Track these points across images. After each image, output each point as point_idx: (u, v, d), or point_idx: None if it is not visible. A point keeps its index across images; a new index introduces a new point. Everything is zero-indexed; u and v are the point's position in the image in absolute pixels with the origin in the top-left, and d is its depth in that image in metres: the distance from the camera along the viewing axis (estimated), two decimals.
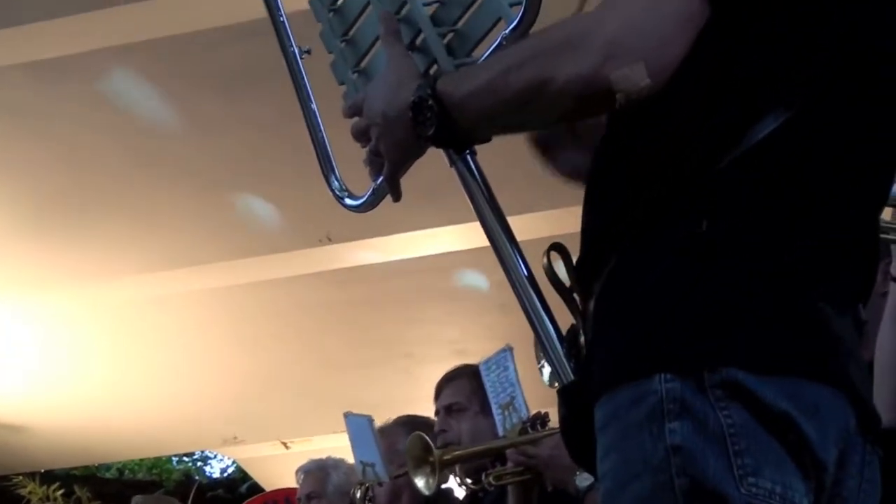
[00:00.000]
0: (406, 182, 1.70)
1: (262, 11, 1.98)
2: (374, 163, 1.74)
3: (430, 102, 1.53)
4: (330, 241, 6.22)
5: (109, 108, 5.34)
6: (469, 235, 5.11)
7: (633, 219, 1.46)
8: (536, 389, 3.00)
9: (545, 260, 1.53)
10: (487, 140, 1.61)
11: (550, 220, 4.82)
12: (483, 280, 6.57)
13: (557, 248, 1.53)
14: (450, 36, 1.70)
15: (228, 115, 5.28)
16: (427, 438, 3.38)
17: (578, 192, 1.58)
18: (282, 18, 1.97)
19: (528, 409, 3.20)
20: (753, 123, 1.43)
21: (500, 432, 3.28)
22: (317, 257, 6.59)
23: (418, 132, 1.56)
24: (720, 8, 1.40)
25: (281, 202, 5.98)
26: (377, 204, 1.84)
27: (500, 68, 1.48)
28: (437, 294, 6.94)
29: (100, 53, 5.02)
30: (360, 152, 1.75)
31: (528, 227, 4.36)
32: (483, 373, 3.36)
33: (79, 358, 7.59)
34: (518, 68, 1.45)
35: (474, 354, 3.70)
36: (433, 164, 1.67)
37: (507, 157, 1.67)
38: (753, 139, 1.43)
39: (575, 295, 1.53)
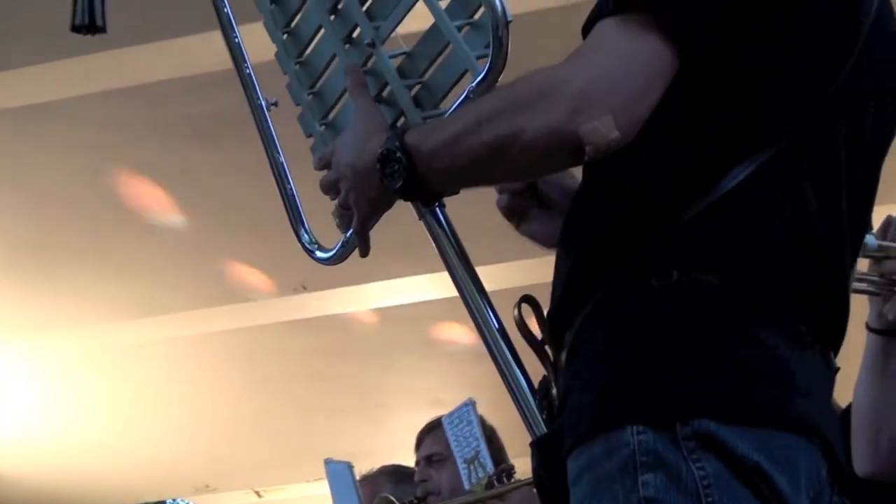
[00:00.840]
0: (381, 231, 1.69)
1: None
2: (344, 216, 1.74)
3: (398, 155, 1.52)
4: (305, 289, 6.20)
5: (83, 154, 5.34)
6: (444, 285, 5.10)
7: (604, 270, 1.46)
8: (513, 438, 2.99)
9: (516, 312, 1.52)
10: (456, 193, 1.61)
11: (523, 269, 4.83)
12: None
13: (528, 300, 1.53)
14: (417, 88, 1.70)
15: (204, 163, 5.29)
16: (393, 500, 3.37)
17: None
18: (248, 71, 1.97)
19: (493, 463, 3.19)
20: (723, 173, 1.43)
21: (466, 486, 3.26)
22: (292, 306, 6.57)
23: (386, 185, 1.55)
24: (690, 60, 1.41)
25: (256, 250, 5.96)
26: (347, 256, 1.83)
27: (469, 121, 1.47)
28: (412, 343, 6.93)
29: (74, 101, 5.01)
30: (329, 202, 1.75)
31: (500, 276, 4.37)
32: (446, 427, 3.35)
33: (46, 405, 7.52)
34: (487, 121, 1.44)
35: (449, 404, 3.70)
36: (409, 212, 1.66)
37: (476, 206, 1.66)
38: (723, 189, 1.43)
39: (547, 347, 1.52)
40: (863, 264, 2.18)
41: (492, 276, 1.65)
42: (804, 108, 1.47)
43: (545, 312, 1.53)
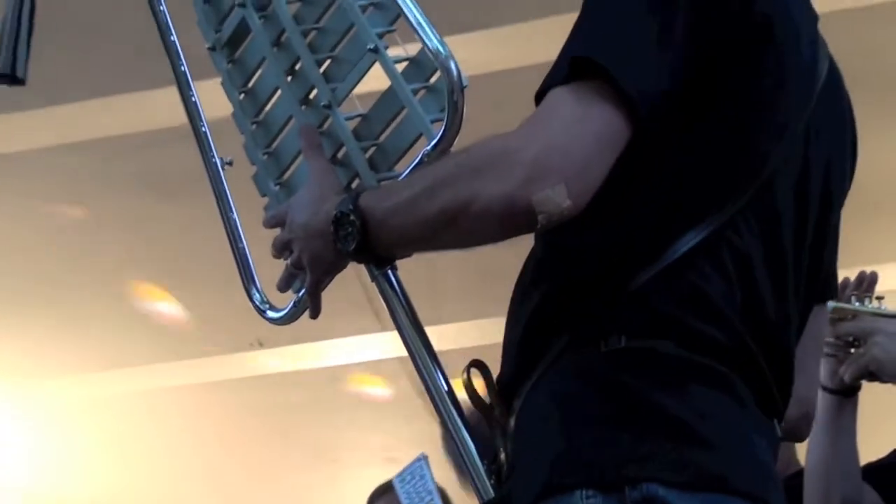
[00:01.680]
0: (336, 289, 1.69)
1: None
2: (295, 276, 1.74)
3: (352, 218, 1.52)
4: (261, 346, 6.18)
5: (38, 208, 5.32)
6: (399, 343, 5.12)
7: (553, 335, 1.47)
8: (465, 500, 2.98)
9: (465, 376, 1.52)
10: (409, 256, 1.61)
11: (477, 329, 4.85)
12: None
13: (477, 365, 1.53)
14: (372, 150, 1.70)
15: (158, 217, 5.28)
16: None
17: (503, 303, 1.58)
18: (204, 129, 1.97)
19: None
20: (670, 241, 1.45)
21: None
22: (247, 362, 6.54)
23: (339, 247, 1.55)
24: (641, 128, 1.42)
25: (212, 305, 5.94)
26: (298, 317, 1.82)
27: (423, 186, 1.48)
28: (367, 400, 6.91)
29: (28, 154, 5.01)
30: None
31: (453, 336, 4.38)
32: (397, 486, 3.33)
33: None
34: (441, 187, 1.45)
35: (403, 461, 3.68)
36: (363, 270, 1.66)
37: (429, 266, 1.67)
38: (670, 257, 1.45)
39: (496, 411, 1.52)
40: None
41: (445, 336, 1.65)
42: (749, 181, 1.49)
43: (494, 376, 1.53)
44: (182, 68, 1.99)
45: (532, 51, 3.80)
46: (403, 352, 1.63)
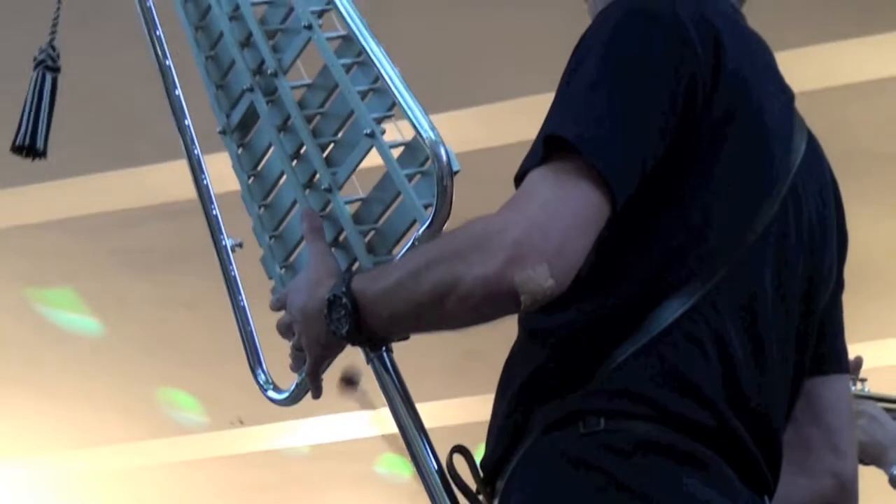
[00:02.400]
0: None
1: (182, 192, 2.01)
2: (298, 357, 1.76)
3: (344, 301, 1.54)
4: (242, 423, 6.20)
5: (18, 285, 5.39)
6: (383, 422, 5.15)
7: (534, 417, 1.48)
8: None
9: (449, 460, 1.53)
10: (404, 338, 1.63)
11: (459, 408, 4.86)
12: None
13: (461, 450, 1.53)
14: (371, 234, 1.72)
15: (143, 295, 5.35)
16: None
17: (485, 381, 1.58)
18: (214, 212, 2.00)
19: None
20: (647, 322, 1.46)
21: None
22: (229, 440, 6.56)
23: (332, 329, 1.57)
24: (617, 207, 1.43)
25: (194, 383, 5.98)
26: (301, 398, 1.84)
27: (410, 269, 1.49)
28: (350, 479, 6.90)
29: (8, 231, 5.10)
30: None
31: (439, 413, 4.39)
32: None
33: None
34: (426, 269, 1.46)
35: None
36: (349, 349, 1.67)
37: (419, 345, 1.68)
38: (647, 337, 1.45)
39: (480, 496, 1.53)
40: None
41: (427, 414, 1.67)
42: (726, 255, 1.49)
43: (478, 460, 1.54)
44: (196, 152, 2.03)
45: (512, 129, 3.85)
46: (387, 430, 1.64)
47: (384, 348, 1.65)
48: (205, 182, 2.02)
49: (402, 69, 1.67)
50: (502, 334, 1.57)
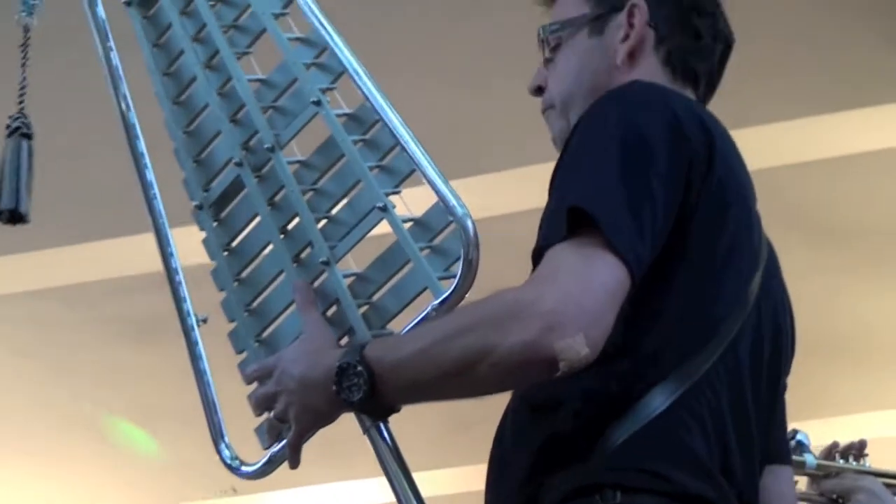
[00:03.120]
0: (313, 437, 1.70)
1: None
2: (275, 429, 1.75)
3: (360, 368, 1.55)
4: (235, 492, 6.06)
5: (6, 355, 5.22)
6: (374, 490, 5.12)
7: (547, 488, 1.52)
8: None
9: None
10: (408, 404, 1.64)
11: (456, 476, 4.84)
12: None
13: None
14: (366, 307, 1.74)
15: (137, 363, 5.24)
16: None
17: (470, 452, 1.60)
18: (179, 280, 1.99)
19: None
20: (652, 393, 1.52)
21: None
22: None
23: (344, 397, 1.57)
24: (637, 282, 1.49)
25: (186, 452, 5.82)
26: (272, 472, 1.82)
27: (438, 336, 1.51)
28: None
29: (10, 297, 5.01)
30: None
31: (433, 483, 4.35)
32: None
33: None
34: (457, 336, 1.48)
35: None
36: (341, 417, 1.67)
37: (414, 416, 1.69)
38: (656, 409, 1.52)
39: None
40: (802, 483, 2.26)
41: (426, 482, 1.68)
42: (722, 332, 1.58)
43: None
44: (161, 221, 2.02)
45: (509, 199, 3.93)
46: (380, 499, 1.64)
47: (385, 419, 1.66)
48: (170, 251, 2.00)
49: None
50: (492, 405, 1.61)
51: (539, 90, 1.81)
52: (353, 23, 1.83)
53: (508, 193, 4.22)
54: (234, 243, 1.94)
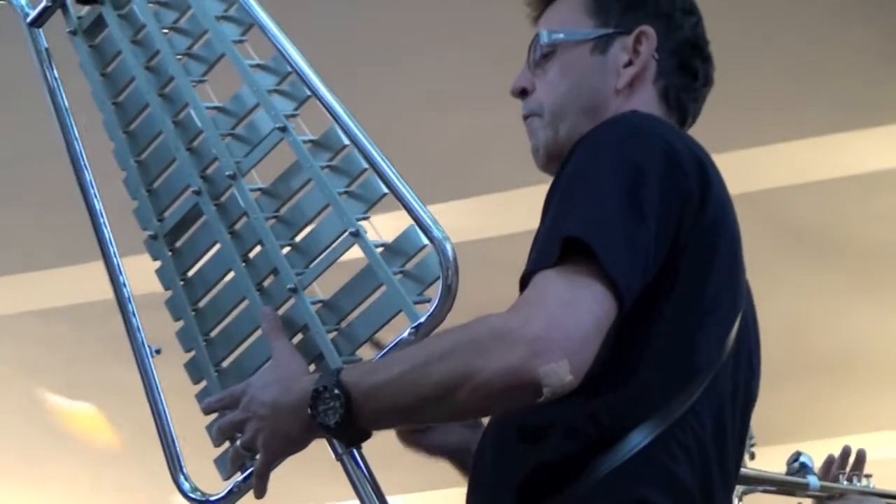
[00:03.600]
0: (301, 459, 1.68)
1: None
2: (240, 458, 1.73)
3: (336, 392, 1.54)
4: None
5: (11, 375, 5.19)
6: None
7: None
8: None
9: None
10: (384, 429, 1.63)
11: (441, 499, 4.79)
12: None
13: None
14: (334, 334, 1.73)
15: (134, 383, 5.12)
16: None
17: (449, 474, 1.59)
18: (132, 311, 1.96)
19: None
20: (644, 425, 1.54)
21: None
22: None
23: (320, 421, 1.55)
24: (623, 310, 1.50)
25: (190, 467, 5.71)
26: (236, 502, 1.80)
27: (418, 360, 1.50)
28: None
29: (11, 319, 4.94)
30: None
31: None
32: None
33: None
34: (438, 361, 1.48)
35: None
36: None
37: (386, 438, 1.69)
38: (648, 438, 1.53)
39: None
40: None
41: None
42: (709, 364, 1.60)
43: None
44: (112, 252, 1.99)
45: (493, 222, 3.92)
46: None
47: (358, 444, 1.65)
48: (122, 281, 1.98)
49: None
50: None
51: (524, 93, 1.80)
52: (344, 49, 1.83)
53: (491, 217, 4.23)
54: (192, 272, 1.92)
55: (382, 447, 1.70)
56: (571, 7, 1.79)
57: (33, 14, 2.15)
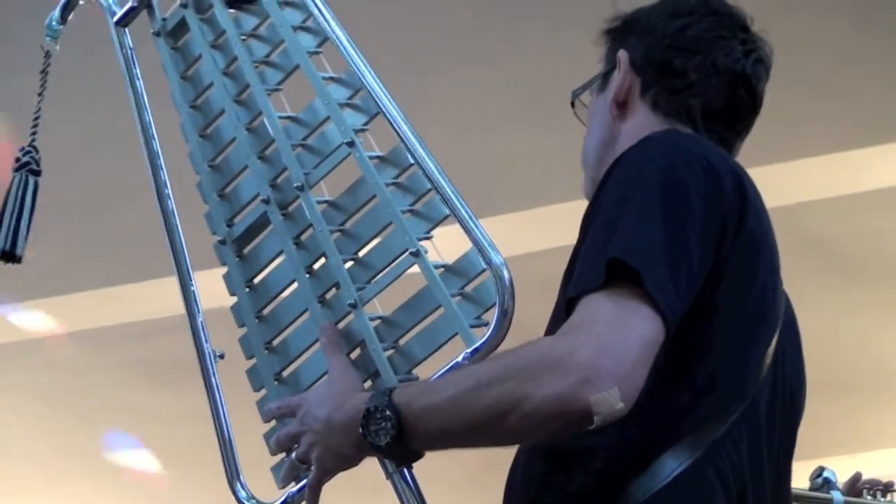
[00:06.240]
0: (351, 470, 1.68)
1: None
2: (295, 470, 1.74)
3: (388, 413, 1.53)
4: None
5: (36, 400, 5.23)
6: None
7: None
8: None
9: None
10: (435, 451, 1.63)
11: None
12: None
13: None
14: (391, 352, 1.73)
15: (162, 405, 5.20)
16: None
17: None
18: (200, 320, 1.98)
19: None
20: (678, 448, 1.53)
21: None
22: None
23: (371, 440, 1.55)
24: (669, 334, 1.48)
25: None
26: None
27: (470, 384, 1.49)
28: None
29: (23, 345, 5.03)
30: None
31: None
32: None
33: None
34: (488, 386, 1.47)
35: None
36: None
37: (437, 459, 1.69)
38: (684, 464, 1.52)
39: None
40: None
41: None
42: (746, 388, 1.58)
43: None
44: (184, 260, 2.01)
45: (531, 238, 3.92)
46: None
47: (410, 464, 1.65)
48: (192, 289, 1.99)
49: None
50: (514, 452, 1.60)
51: None
52: (380, 67, 1.83)
53: (522, 234, 4.22)
54: (257, 280, 1.93)
55: (428, 469, 1.70)
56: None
57: (119, 13, 2.18)
